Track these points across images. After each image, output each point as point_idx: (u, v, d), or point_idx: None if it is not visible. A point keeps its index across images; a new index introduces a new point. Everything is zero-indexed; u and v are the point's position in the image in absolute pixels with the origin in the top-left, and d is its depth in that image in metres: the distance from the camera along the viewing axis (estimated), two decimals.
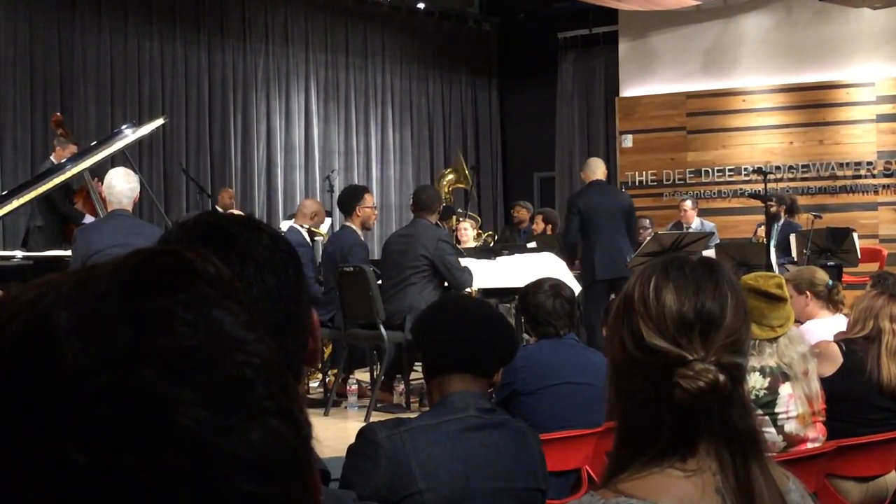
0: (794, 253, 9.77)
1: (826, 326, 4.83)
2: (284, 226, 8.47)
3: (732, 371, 1.48)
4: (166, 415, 0.52)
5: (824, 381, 3.95)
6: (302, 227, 8.08)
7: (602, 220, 8.58)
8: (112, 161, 7.60)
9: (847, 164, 12.72)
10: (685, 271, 1.55)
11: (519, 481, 2.53)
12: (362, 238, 7.65)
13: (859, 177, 12.65)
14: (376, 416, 6.51)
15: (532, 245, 9.41)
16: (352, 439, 2.51)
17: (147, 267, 0.57)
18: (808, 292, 5.00)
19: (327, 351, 7.88)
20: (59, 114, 8.84)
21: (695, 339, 1.48)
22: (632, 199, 9.49)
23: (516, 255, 8.09)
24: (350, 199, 7.66)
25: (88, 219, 7.41)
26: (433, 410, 2.54)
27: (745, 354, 1.54)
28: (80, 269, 0.58)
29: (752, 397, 3.64)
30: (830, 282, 5.14)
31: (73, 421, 0.51)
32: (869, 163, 12.60)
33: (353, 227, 7.56)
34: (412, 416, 2.73)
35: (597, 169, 9.10)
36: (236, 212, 9.45)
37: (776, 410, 3.72)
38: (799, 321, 4.67)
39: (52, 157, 8.52)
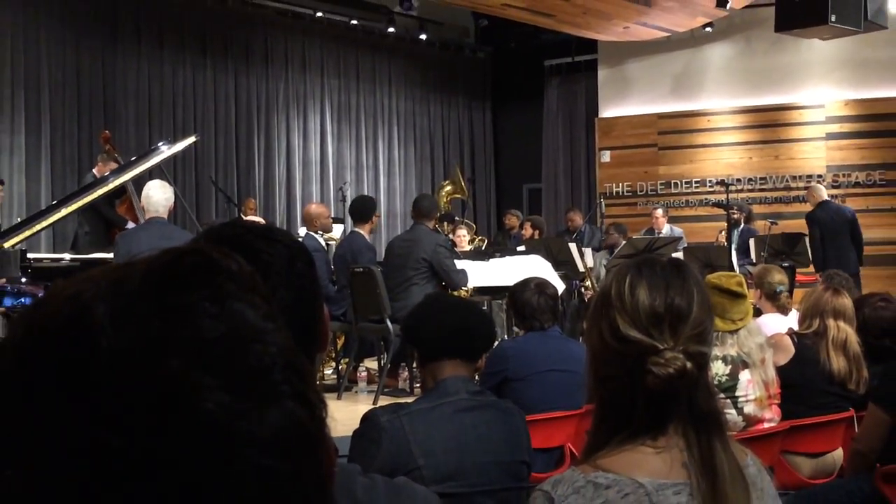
0: (753, 255, 9.77)
1: (779, 322, 4.82)
2: (302, 232, 8.46)
3: (698, 359, 1.48)
4: (191, 400, 0.51)
5: (779, 369, 3.95)
6: (317, 233, 8.08)
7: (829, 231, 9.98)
8: (150, 174, 7.59)
9: (800, 176, 12.73)
10: (656, 271, 1.55)
11: (506, 455, 2.53)
12: (371, 242, 7.67)
13: (811, 188, 12.66)
14: (383, 400, 6.50)
15: (521, 248, 9.38)
16: None
17: (176, 265, 0.56)
18: (758, 290, 4.98)
19: (340, 342, 7.87)
20: (107, 132, 8.83)
21: (665, 331, 1.48)
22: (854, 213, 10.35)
23: (507, 258, 8.07)
24: (368, 208, 7.67)
25: (130, 224, 7.41)
26: (429, 395, 2.53)
27: (709, 344, 1.54)
28: (117, 266, 0.57)
29: (715, 383, 3.63)
30: (779, 288, 5.07)
31: (107, 406, 0.51)
32: (819, 175, 12.61)
33: (363, 232, 7.56)
34: (413, 399, 2.73)
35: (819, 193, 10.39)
36: (258, 219, 9.44)
37: (736, 394, 3.72)
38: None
39: (94, 171, 8.51)
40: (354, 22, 13.11)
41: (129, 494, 0.50)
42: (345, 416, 5.59)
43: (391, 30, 13.15)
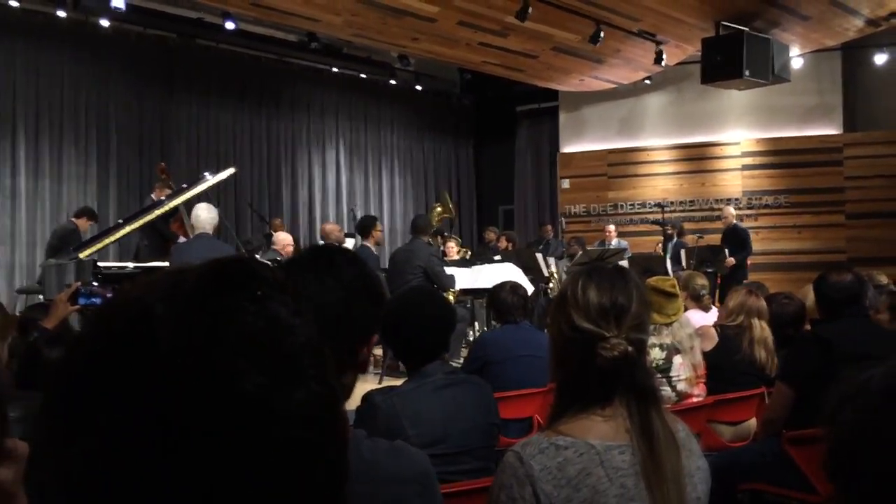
0: (683, 263, 9.79)
1: (702, 318, 4.83)
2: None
3: (638, 344, 1.49)
4: (234, 382, 0.52)
5: (705, 355, 3.96)
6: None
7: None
8: (198, 198, 7.56)
9: (721, 199, 12.77)
10: (603, 275, 1.55)
11: (480, 420, 2.51)
12: (376, 253, 7.66)
13: (725, 210, 12.71)
14: (388, 380, 6.49)
15: (498, 258, 9.39)
16: None
17: (222, 273, 0.56)
18: (684, 291, 4.99)
19: None
20: (163, 164, 8.80)
21: (611, 322, 1.49)
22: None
23: (486, 265, 8.08)
24: (368, 226, 7.67)
25: (182, 239, 7.38)
26: (413, 379, 2.50)
27: (647, 332, 1.54)
28: (173, 272, 0.57)
29: (653, 365, 3.65)
30: (702, 291, 5.09)
31: (165, 387, 0.51)
32: (736, 199, 12.66)
33: (369, 245, 7.56)
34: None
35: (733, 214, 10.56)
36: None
37: (671, 374, 3.74)
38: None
39: (152, 195, 8.48)
40: (363, 76, 13.12)
41: (182, 459, 0.50)
42: (356, 393, 5.57)
43: (392, 82, 13.16)
